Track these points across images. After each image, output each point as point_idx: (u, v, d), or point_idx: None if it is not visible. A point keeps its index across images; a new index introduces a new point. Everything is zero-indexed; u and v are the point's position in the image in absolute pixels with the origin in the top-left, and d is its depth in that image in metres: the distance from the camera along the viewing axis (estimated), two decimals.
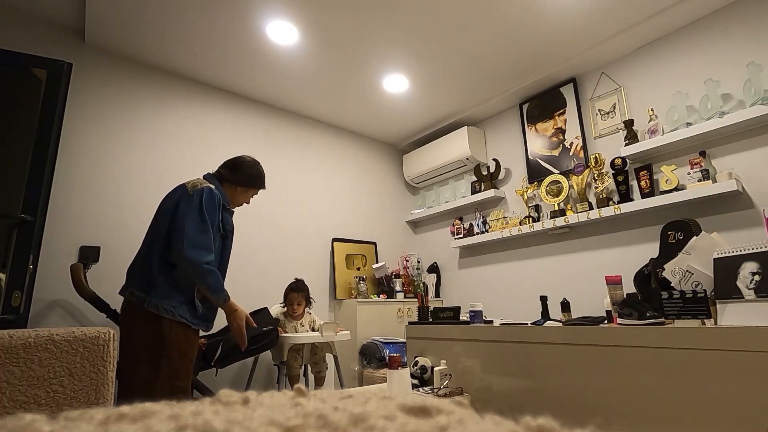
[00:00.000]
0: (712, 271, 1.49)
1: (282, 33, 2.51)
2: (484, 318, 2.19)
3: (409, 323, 2.40)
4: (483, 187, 3.47)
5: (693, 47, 2.47)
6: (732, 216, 2.22)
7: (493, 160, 3.50)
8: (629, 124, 2.59)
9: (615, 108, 2.79)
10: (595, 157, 2.71)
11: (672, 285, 1.62)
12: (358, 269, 3.57)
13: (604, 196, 2.66)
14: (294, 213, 3.33)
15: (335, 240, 3.51)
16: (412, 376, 2.08)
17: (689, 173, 2.30)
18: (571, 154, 2.98)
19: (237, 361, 2.35)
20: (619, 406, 1.48)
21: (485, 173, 3.51)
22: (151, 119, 2.75)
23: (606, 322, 1.81)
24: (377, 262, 3.66)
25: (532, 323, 1.95)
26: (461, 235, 3.51)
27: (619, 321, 1.64)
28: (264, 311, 2.41)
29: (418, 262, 3.77)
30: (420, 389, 2.01)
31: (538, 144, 3.20)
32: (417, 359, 2.19)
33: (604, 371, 1.53)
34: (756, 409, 1.19)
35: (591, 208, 2.72)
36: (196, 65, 2.82)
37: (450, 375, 2.00)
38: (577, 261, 2.85)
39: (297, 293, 2.57)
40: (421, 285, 3.58)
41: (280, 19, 2.40)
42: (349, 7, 2.32)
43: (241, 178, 1.97)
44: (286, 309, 2.60)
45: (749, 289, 1.35)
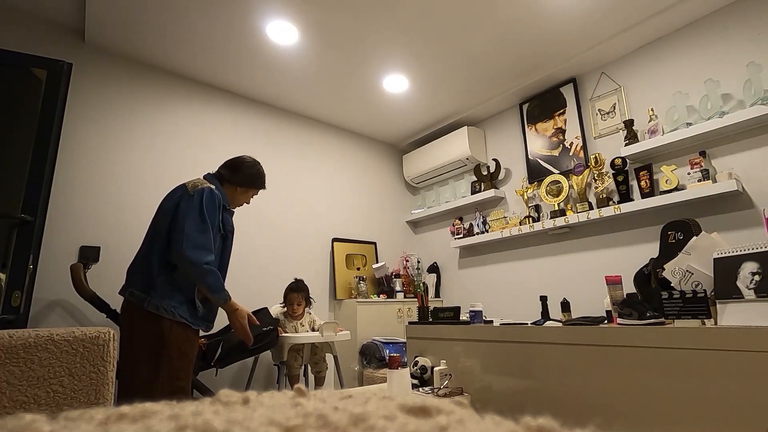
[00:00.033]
0: (712, 271, 1.49)
1: (282, 33, 2.51)
2: (484, 318, 2.19)
3: (409, 323, 2.40)
4: (483, 187, 3.47)
5: (693, 47, 2.47)
6: (732, 216, 2.22)
7: (493, 160, 3.50)
8: (629, 124, 2.59)
9: (615, 108, 2.79)
10: (595, 157, 2.71)
11: (672, 285, 1.62)
12: (358, 269, 3.57)
13: (604, 196, 2.66)
14: (294, 213, 3.33)
15: (335, 240, 3.51)
16: (412, 376, 2.08)
17: (689, 173, 2.30)
18: (571, 154, 2.98)
19: (237, 361, 2.36)
20: (619, 406, 1.48)
21: (485, 173, 3.51)
22: (151, 119, 2.75)
23: (606, 322, 1.81)
24: (377, 262, 3.66)
25: (532, 323, 1.95)
26: (461, 235, 3.51)
27: (619, 321, 1.64)
28: (264, 311, 2.41)
29: (418, 262, 3.77)
30: (420, 389, 2.01)
31: (538, 144, 3.20)
32: (417, 359, 2.19)
33: (604, 371, 1.53)
34: (756, 409, 1.19)
35: (591, 208, 2.72)
36: (196, 65, 2.83)
37: (450, 375, 2.00)
38: (577, 261, 2.85)
39: (297, 293, 2.58)
40: (421, 285, 3.58)
41: (280, 19, 2.40)
42: (349, 7, 2.32)
43: (242, 178, 1.97)
44: (286, 309, 2.60)
45: (749, 289, 1.35)
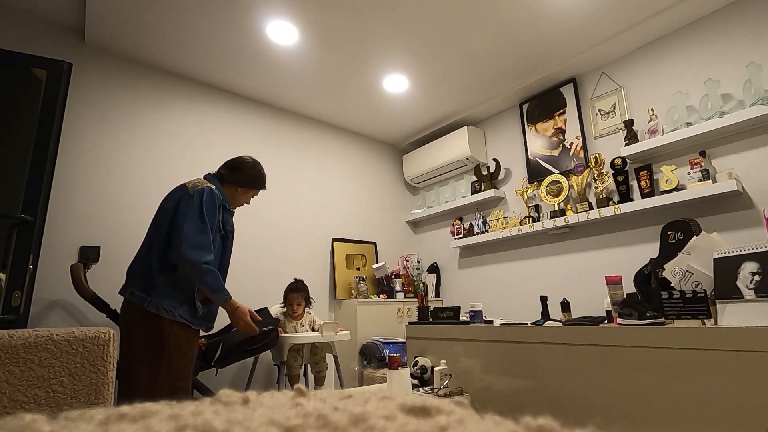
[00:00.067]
0: (712, 271, 1.49)
1: (282, 33, 2.51)
2: (484, 318, 2.19)
3: (409, 323, 2.40)
4: (483, 187, 3.47)
5: (693, 47, 2.47)
6: (732, 216, 2.22)
7: (493, 160, 3.50)
8: (629, 124, 2.59)
9: (615, 108, 2.79)
10: (595, 157, 2.71)
11: (672, 285, 1.62)
12: (358, 269, 3.57)
13: (604, 196, 2.66)
14: (294, 213, 3.33)
15: (335, 240, 3.51)
16: (412, 376, 2.08)
17: (689, 173, 2.30)
18: (571, 154, 2.98)
19: (237, 361, 2.36)
20: (619, 406, 1.48)
21: (485, 173, 3.51)
22: (151, 119, 2.75)
23: (606, 322, 1.81)
24: (377, 262, 3.66)
25: (532, 323, 1.95)
26: (461, 235, 3.51)
27: (619, 321, 1.64)
28: (264, 311, 2.41)
29: (418, 262, 3.77)
30: (420, 389, 2.01)
31: (538, 144, 3.20)
32: (417, 359, 2.19)
33: (604, 371, 1.53)
34: (756, 409, 1.19)
35: (591, 208, 2.72)
36: (196, 65, 2.83)
37: (450, 375, 2.00)
38: (577, 261, 2.85)
39: (296, 293, 2.58)
40: (421, 285, 3.58)
41: (280, 19, 2.40)
42: (349, 7, 2.32)
43: (242, 178, 1.97)
44: (285, 309, 2.60)
45: (749, 289, 1.35)
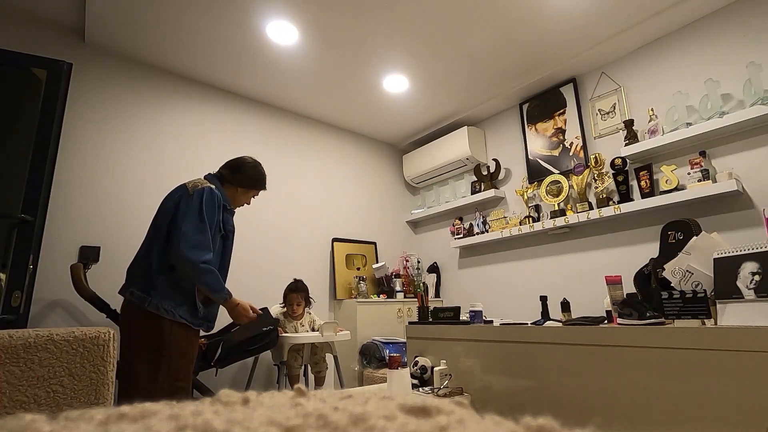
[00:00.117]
0: (712, 271, 1.49)
1: (282, 33, 2.51)
2: (484, 318, 2.19)
3: (409, 323, 2.40)
4: (483, 187, 3.47)
5: (693, 47, 2.47)
6: (732, 216, 2.22)
7: (493, 160, 3.50)
8: (629, 124, 2.59)
9: (615, 108, 2.79)
10: (595, 157, 2.71)
11: (672, 285, 1.62)
12: (358, 269, 3.57)
13: (604, 196, 2.66)
14: (294, 213, 3.33)
15: (335, 240, 3.51)
16: (412, 376, 2.08)
17: (689, 173, 2.30)
18: (571, 154, 2.98)
19: (237, 361, 2.35)
20: (619, 406, 1.48)
21: (485, 173, 3.51)
22: (151, 119, 2.75)
23: (606, 322, 1.81)
24: (377, 262, 3.66)
25: (532, 323, 1.95)
26: (461, 235, 3.51)
27: (619, 321, 1.64)
28: (264, 311, 2.41)
29: (418, 262, 3.77)
30: (420, 389, 2.01)
31: (538, 144, 3.20)
32: (417, 359, 2.19)
33: (604, 371, 1.53)
34: (756, 409, 1.19)
35: (591, 208, 2.72)
36: (196, 65, 2.83)
37: (450, 375, 2.00)
38: (577, 261, 2.85)
39: (296, 293, 2.58)
40: (421, 285, 3.58)
41: (280, 19, 2.40)
42: (349, 7, 2.32)
43: (242, 179, 1.97)
44: (285, 309, 2.60)
45: (749, 289, 1.35)
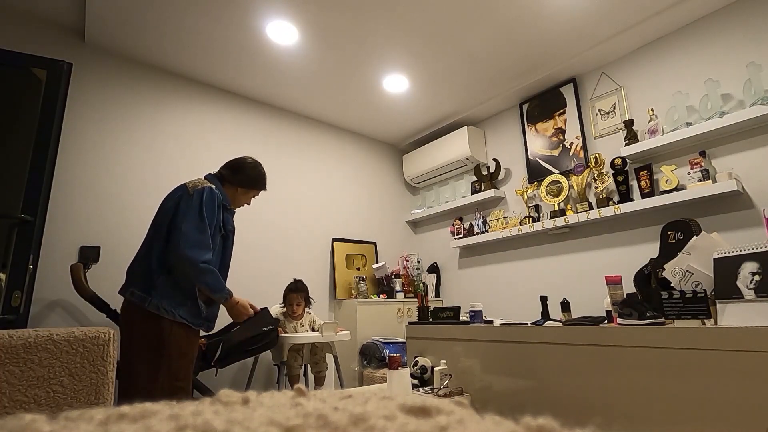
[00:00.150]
0: (712, 271, 1.49)
1: (282, 33, 2.51)
2: (484, 318, 2.19)
3: (409, 323, 2.40)
4: (483, 187, 3.47)
5: (693, 47, 2.47)
6: (732, 216, 2.22)
7: (493, 160, 3.50)
8: (629, 124, 2.59)
9: (615, 108, 2.79)
10: (595, 157, 2.71)
11: (672, 285, 1.62)
12: (358, 269, 3.57)
13: (604, 196, 2.66)
14: (294, 213, 3.33)
15: (335, 240, 3.51)
16: (412, 376, 2.08)
17: (689, 173, 2.30)
18: (571, 154, 2.98)
19: (237, 361, 2.35)
20: (619, 406, 1.48)
21: (485, 173, 3.51)
22: (151, 119, 2.75)
23: (606, 322, 1.81)
24: (377, 262, 3.66)
25: (532, 323, 1.95)
26: (461, 235, 3.51)
27: (619, 321, 1.64)
28: (264, 311, 2.41)
29: (418, 262, 3.77)
30: (420, 389, 2.01)
31: (538, 144, 3.20)
32: (417, 359, 2.19)
33: (604, 371, 1.53)
34: (756, 409, 1.19)
35: (591, 208, 2.72)
36: (196, 65, 2.83)
37: (450, 375, 2.00)
38: (577, 261, 2.85)
39: (296, 294, 2.58)
40: (421, 285, 3.58)
41: (280, 19, 2.40)
42: (349, 7, 2.32)
43: (242, 179, 1.97)
44: (285, 309, 2.60)
45: (749, 289, 1.35)
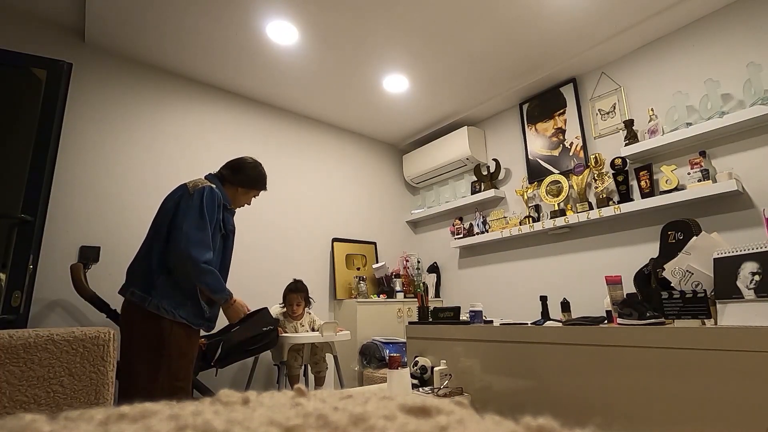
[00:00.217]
0: (712, 271, 1.49)
1: (282, 33, 2.51)
2: (484, 318, 2.19)
3: (409, 323, 2.40)
4: (483, 187, 3.47)
5: (693, 47, 2.47)
6: (732, 216, 2.22)
7: (493, 160, 3.50)
8: (629, 124, 2.59)
9: (615, 108, 2.79)
10: (595, 157, 2.71)
11: (672, 285, 1.62)
12: (358, 269, 3.57)
13: (604, 196, 2.66)
14: (294, 213, 3.33)
15: (335, 240, 3.51)
16: (412, 376, 2.08)
17: (689, 173, 2.30)
18: (571, 154, 2.97)
19: (237, 361, 2.35)
20: (619, 406, 1.48)
21: (485, 173, 3.51)
22: (151, 119, 2.75)
23: (606, 322, 1.81)
24: (377, 262, 3.66)
25: (532, 323, 1.95)
26: (461, 235, 3.51)
27: (619, 321, 1.64)
28: (264, 311, 2.41)
29: (418, 262, 3.77)
30: (420, 389, 2.01)
31: (538, 144, 3.20)
32: (417, 359, 2.19)
33: (604, 371, 1.53)
34: (756, 409, 1.19)
35: (591, 208, 2.72)
36: (196, 65, 2.82)
37: (450, 375, 2.00)
38: (577, 261, 2.85)
39: (296, 294, 2.58)
40: (421, 285, 3.58)
41: (280, 19, 2.40)
42: (349, 7, 2.32)
43: (243, 179, 1.97)
44: (285, 309, 2.60)
45: (749, 289, 1.35)
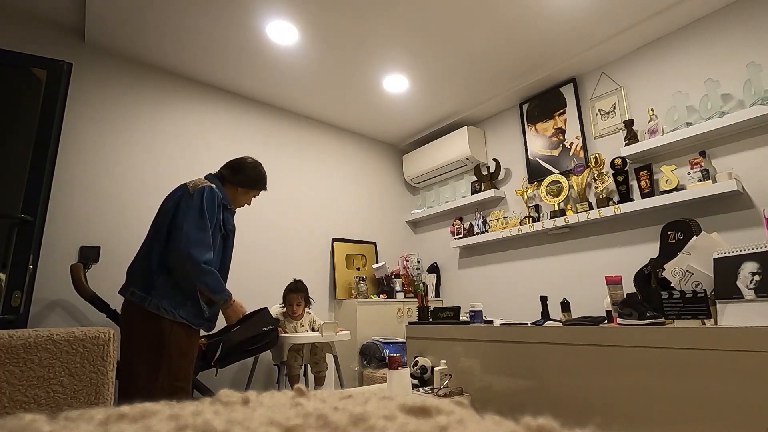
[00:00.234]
0: (712, 271, 1.49)
1: (282, 33, 2.51)
2: (484, 318, 2.19)
3: (409, 323, 2.40)
4: (483, 187, 3.47)
5: (693, 47, 2.47)
6: (732, 216, 2.22)
7: (493, 160, 3.50)
8: (629, 124, 2.59)
9: (615, 108, 2.79)
10: (595, 157, 2.71)
11: (672, 285, 1.62)
12: (358, 269, 3.57)
13: (604, 196, 2.66)
14: (294, 213, 3.33)
15: (335, 240, 3.51)
16: (412, 376, 2.08)
17: (689, 173, 2.30)
18: (571, 154, 2.97)
19: (237, 361, 2.35)
20: (619, 406, 1.48)
21: (485, 173, 3.51)
22: (151, 119, 2.75)
23: (606, 322, 1.81)
24: (377, 262, 3.66)
25: (532, 323, 1.95)
26: (461, 235, 3.51)
27: (619, 321, 1.64)
28: (264, 311, 2.41)
29: (418, 262, 3.77)
30: (420, 389, 2.01)
31: (538, 144, 3.20)
32: (417, 359, 2.19)
33: (604, 371, 1.53)
34: (756, 409, 1.19)
35: (591, 208, 2.72)
36: (196, 65, 2.82)
37: (450, 375, 2.00)
38: (577, 261, 2.85)
39: (296, 294, 2.58)
40: (421, 285, 3.58)
41: (280, 19, 2.40)
42: (349, 7, 2.32)
43: (243, 179, 1.97)
44: (285, 309, 2.60)
45: (749, 289, 1.35)
